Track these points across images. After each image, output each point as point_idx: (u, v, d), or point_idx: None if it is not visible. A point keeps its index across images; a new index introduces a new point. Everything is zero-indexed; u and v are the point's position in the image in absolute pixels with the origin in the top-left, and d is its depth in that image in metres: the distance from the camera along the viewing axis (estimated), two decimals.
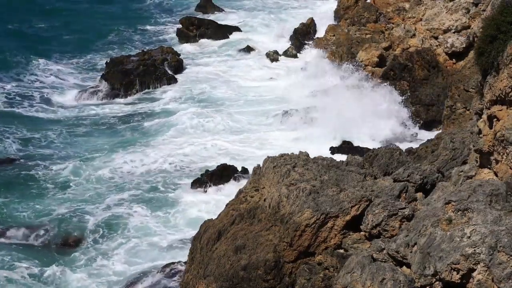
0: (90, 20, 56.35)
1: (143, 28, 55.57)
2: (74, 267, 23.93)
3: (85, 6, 60.58)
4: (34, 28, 54.55)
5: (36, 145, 34.06)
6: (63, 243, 25.66)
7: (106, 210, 27.55)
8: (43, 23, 55.69)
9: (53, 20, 56.58)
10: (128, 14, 59.49)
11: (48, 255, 24.82)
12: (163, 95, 41.28)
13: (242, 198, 19.20)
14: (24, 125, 36.41)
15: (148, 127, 36.58)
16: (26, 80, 43.23)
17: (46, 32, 53.68)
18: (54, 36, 52.62)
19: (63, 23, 55.73)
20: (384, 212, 15.50)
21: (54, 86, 42.68)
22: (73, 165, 31.16)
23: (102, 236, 25.82)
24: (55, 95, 41.29)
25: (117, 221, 26.76)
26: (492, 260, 11.51)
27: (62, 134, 35.50)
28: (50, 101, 40.49)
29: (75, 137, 35.29)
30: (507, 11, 13.96)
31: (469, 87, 29.51)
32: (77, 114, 38.73)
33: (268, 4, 63.36)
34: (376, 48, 39.09)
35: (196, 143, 34.07)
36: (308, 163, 18.56)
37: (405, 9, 42.16)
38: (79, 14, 57.97)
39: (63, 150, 33.35)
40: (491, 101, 14.25)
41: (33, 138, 34.80)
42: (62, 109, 39.46)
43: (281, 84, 41.89)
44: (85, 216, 27.09)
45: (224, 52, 49.37)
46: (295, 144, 31.51)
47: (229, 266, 16.69)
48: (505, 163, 13.89)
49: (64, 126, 36.68)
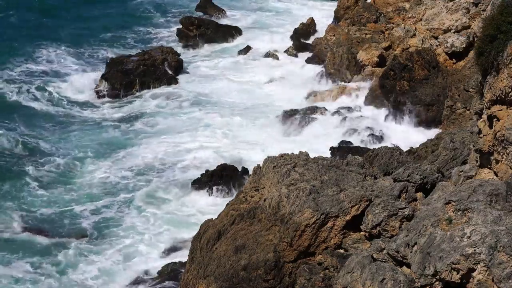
0: (90, 20, 56.32)
1: (143, 28, 55.55)
2: (68, 266, 23.90)
3: (85, 6, 60.53)
4: (34, 22, 54.60)
5: (29, 140, 34.03)
6: (62, 239, 25.69)
7: (102, 209, 27.56)
8: (45, 19, 55.88)
9: (53, 17, 56.67)
10: (128, 14, 59.45)
11: (42, 252, 24.84)
12: (162, 95, 41.27)
13: (242, 198, 19.20)
14: (20, 122, 36.41)
15: (147, 127, 36.58)
16: (24, 80, 43.25)
17: (47, 27, 53.73)
18: (54, 33, 52.62)
19: (63, 21, 55.76)
20: (384, 212, 15.50)
21: (54, 85, 42.68)
22: (65, 162, 31.17)
23: (101, 235, 25.85)
24: (54, 94, 41.29)
25: (115, 221, 26.79)
26: (492, 260, 11.51)
27: (55, 131, 35.49)
28: (48, 100, 40.48)
29: (69, 134, 35.22)
30: (507, 11, 13.97)
31: (469, 87, 29.49)
32: (75, 113, 38.71)
33: (268, 4, 63.35)
34: (376, 48, 39.09)
35: (196, 143, 34.09)
36: (308, 163, 18.56)
37: (405, 9, 42.15)
38: (78, 13, 57.96)
39: (56, 147, 33.29)
40: (491, 101, 14.24)
41: (27, 134, 34.79)
42: (60, 108, 39.46)
43: (281, 84, 41.89)
44: (80, 215, 27.11)
45: (224, 52, 49.37)
46: (295, 144, 31.50)
47: (229, 266, 16.69)
48: (505, 163, 13.89)
49: (59, 124, 36.70)
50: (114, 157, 32.34)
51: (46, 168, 30.85)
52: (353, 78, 39.29)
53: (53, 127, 36.10)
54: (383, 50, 38.99)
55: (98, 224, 26.64)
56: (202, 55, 49.16)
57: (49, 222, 26.70)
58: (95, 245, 25.22)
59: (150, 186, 29.75)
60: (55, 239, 25.61)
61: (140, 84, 41.88)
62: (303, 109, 36.40)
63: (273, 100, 39.57)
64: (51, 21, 55.49)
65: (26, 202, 28.11)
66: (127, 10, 60.58)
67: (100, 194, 28.88)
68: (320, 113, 35.87)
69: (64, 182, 29.85)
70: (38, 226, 26.47)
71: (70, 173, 30.61)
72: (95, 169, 31.14)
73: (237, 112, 38.11)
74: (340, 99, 37.66)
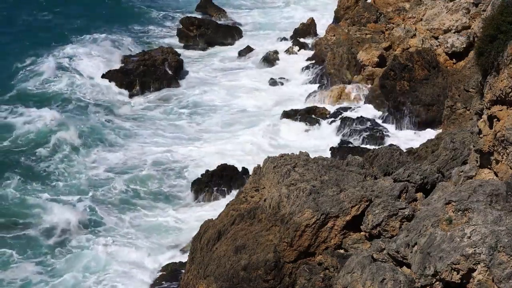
0: (90, 20, 56.31)
1: (143, 28, 55.56)
2: (68, 266, 23.89)
3: (85, 6, 60.53)
4: (36, 19, 54.67)
5: (24, 137, 34.08)
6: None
7: (101, 209, 27.54)
8: (46, 12, 55.92)
9: (54, 13, 56.72)
10: (128, 14, 59.46)
11: (36, 246, 24.85)
12: (162, 95, 41.27)
13: (242, 198, 19.20)
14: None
15: (148, 127, 36.59)
16: (22, 79, 43.27)
17: (47, 26, 53.78)
18: (54, 30, 52.67)
19: (62, 21, 55.80)
20: (384, 212, 15.50)
21: (53, 85, 42.67)
22: (61, 159, 31.25)
23: (101, 235, 25.83)
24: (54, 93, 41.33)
25: (115, 221, 26.77)
26: (492, 260, 11.51)
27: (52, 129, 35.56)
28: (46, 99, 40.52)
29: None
30: (507, 11, 13.96)
31: (469, 87, 29.47)
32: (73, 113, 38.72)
33: (268, 4, 63.36)
34: (376, 48, 39.09)
35: (195, 143, 34.09)
36: (308, 163, 18.56)
37: (405, 9, 42.14)
38: (78, 13, 57.97)
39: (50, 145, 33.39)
40: (491, 101, 14.24)
41: (23, 132, 34.85)
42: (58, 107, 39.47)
43: (281, 84, 41.89)
44: (79, 213, 27.11)
45: (224, 52, 49.37)
46: (295, 144, 31.52)
47: (229, 266, 16.69)
48: (505, 163, 13.89)
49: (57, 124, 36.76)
50: (112, 157, 32.32)
51: (41, 164, 30.92)
52: (353, 78, 39.30)
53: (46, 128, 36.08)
54: (383, 50, 38.99)
55: (98, 224, 26.63)
56: (202, 55, 49.17)
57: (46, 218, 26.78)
58: (93, 242, 25.18)
59: (150, 186, 29.76)
60: (53, 238, 25.64)
61: (140, 84, 41.87)
62: (303, 110, 36.40)
63: (273, 100, 39.55)
64: (49, 19, 55.61)
65: (21, 193, 28.25)
66: (127, 10, 60.60)
67: (96, 193, 28.85)
68: (320, 113, 35.87)
69: (60, 179, 29.88)
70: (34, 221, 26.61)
71: (64, 171, 30.60)
72: (93, 167, 31.13)
73: (237, 112, 38.12)
74: (341, 99, 37.65)
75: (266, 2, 63.91)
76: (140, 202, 28.39)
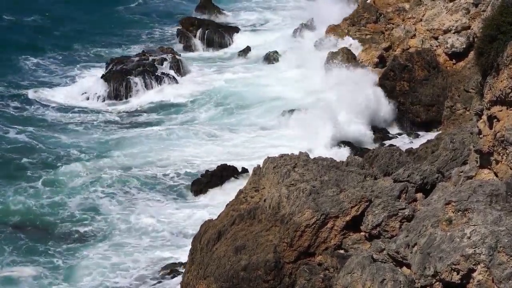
0: (89, 20, 56.32)
1: (143, 29, 55.57)
2: (67, 266, 23.88)
3: (84, 5, 60.52)
4: (29, 25, 54.57)
5: (25, 141, 34.03)
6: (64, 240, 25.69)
7: (101, 209, 27.55)
8: (41, 17, 55.82)
9: (53, 15, 56.70)
10: (128, 14, 59.49)
11: (43, 252, 24.87)
12: (161, 95, 41.26)
13: (242, 199, 19.21)
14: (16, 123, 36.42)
15: (147, 127, 36.58)
16: (22, 78, 43.26)
17: (44, 28, 53.72)
18: (54, 32, 52.65)
19: (62, 20, 55.80)
20: (384, 212, 15.50)
21: (53, 85, 42.70)
22: (67, 164, 31.21)
23: (100, 235, 25.82)
24: (54, 93, 41.30)
25: (115, 221, 26.76)
26: (492, 260, 11.51)
27: (52, 132, 35.47)
28: (45, 99, 40.46)
29: (66, 136, 35.22)
30: (507, 11, 13.94)
31: (469, 88, 29.48)
32: (73, 114, 38.68)
33: (268, 4, 63.35)
34: (376, 48, 39.09)
35: (195, 144, 34.08)
36: (308, 163, 18.57)
37: (405, 10, 42.07)
38: (78, 13, 57.98)
39: (52, 148, 33.26)
40: (491, 102, 14.22)
41: (25, 134, 34.79)
42: (57, 108, 39.44)
43: (281, 84, 41.88)
44: (80, 215, 27.09)
45: (224, 52, 49.36)
46: (295, 144, 31.50)
47: (229, 266, 16.70)
48: (505, 163, 13.88)
49: (56, 125, 36.70)
50: (112, 159, 32.29)
51: (43, 171, 30.87)
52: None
53: (46, 129, 36.05)
54: (383, 51, 38.99)
55: (98, 224, 26.61)
56: (202, 55, 49.15)
57: (47, 222, 26.76)
58: (93, 245, 25.18)
59: (149, 186, 29.75)
60: (52, 240, 25.62)
61: (140, 84, 41.82)
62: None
63: (273, 100, 39.55)
64: (50, 22, 55.56)
65: (23, 197, 28.26)
66: (127, 10, 60.62)
67: (98, 195, 28.85)
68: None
69: (63, 183, 29.84)
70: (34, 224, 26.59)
71: (68, 174, 30.56)
72: (93, 171, 31.09)
73: (237, 112, 38.11)
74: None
75: (266, 2, 63.90)
76: (140, 202, 28.36)
